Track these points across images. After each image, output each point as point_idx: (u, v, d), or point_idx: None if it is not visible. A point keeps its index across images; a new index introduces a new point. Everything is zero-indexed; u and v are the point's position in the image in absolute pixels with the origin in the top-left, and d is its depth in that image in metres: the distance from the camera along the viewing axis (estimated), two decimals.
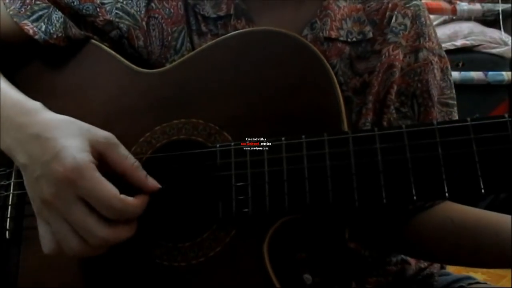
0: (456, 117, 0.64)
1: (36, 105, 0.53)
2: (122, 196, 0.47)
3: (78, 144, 0.47)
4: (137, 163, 0.50)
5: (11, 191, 0.58)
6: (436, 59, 0.63)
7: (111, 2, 0.62)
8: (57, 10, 0.61)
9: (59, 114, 0.52)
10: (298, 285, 0.54)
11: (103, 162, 0.49)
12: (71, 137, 0.48)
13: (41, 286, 0.55)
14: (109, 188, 0.46)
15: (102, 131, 0.50)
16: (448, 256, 0.62)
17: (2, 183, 0.59)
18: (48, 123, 0.50)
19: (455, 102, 0.65)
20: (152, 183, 0.50)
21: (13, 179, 0.58)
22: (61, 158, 0.46)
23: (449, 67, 0.65)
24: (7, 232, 0.57)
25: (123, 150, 0.50)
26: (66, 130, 0.49)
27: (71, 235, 0.47)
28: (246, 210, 0.48)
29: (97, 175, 0.46)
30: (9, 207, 0.58)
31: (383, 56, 0.61)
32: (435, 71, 0.62)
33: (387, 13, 0.63)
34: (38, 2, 0.61)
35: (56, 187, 0.46)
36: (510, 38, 2.01)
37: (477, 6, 2.05)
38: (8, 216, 0.58)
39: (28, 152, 0.49)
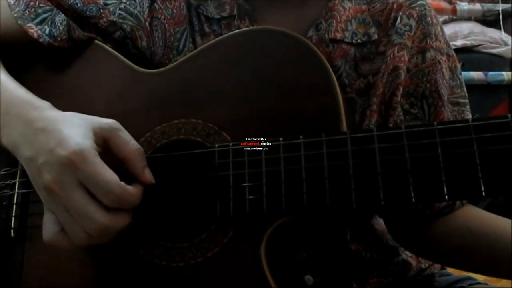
0: (469, 116, 0.62)
1: (45, 103, 0.52)
2: (122, 183, 0.45)
3: (81, 131, 0.46)
4: (140, 149, 0.48)
5: (16, 190, 0.57)
6: (444, 58, 0.61)
7: (115, 2, 0.61)
8: (60, 13, 0.60)
9: (65, 112, 0.51)
10: (299, 286, 0.52)
11: (107, 148, 0.48)
12: (75, 127, 0.47)
13: (45, 284, 0.54)
14: (110, 174, 0.45)
15: (105, 119, 0.49)
16: (464, 263, 0.60)
17: (7, 182, 0.58)
18: (54, 118, 0.49)
19: (467, 101, 0.62)
20: (148, 175, 0.48)
21: (18, 178, 0.57)
22: (65, 143, 0.45)
23: (458, 65, 0.63)
24: (11, 231, 0.56)
25: (126, 135, 0.48)
26: (70, 122, 0.48)
27: (75, 223, 0.45)
28: (244, 210, 0.46)
29: (99, 160, 0.45)
30: (14, 206, 0.57)
31: (388, 58, 0.59)
32: (444, 70, 0.60)
33: (392, 14, 0.60)
34: (41, 5, 0.60)
35: (58, 171, 0.45)
36: (510, 38, 1.98)
37: (477, 6, 2.01)
38: (13, 214, 0.57)
39: (33, 144, 0.48)
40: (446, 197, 0.39)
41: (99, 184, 0.44)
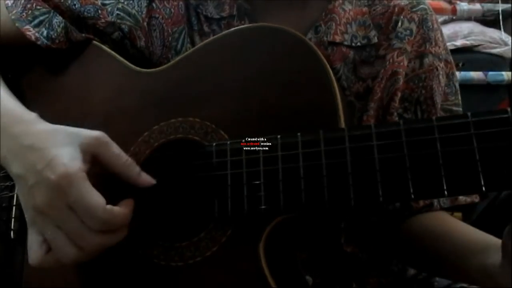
0: None
1: (31, 116, 0.51)
2: (108, 206, 0.44)
3: (69, 151, 0.45)
4: (129, 160, 0.48)
5: (15, 191, 0.56)
6: (442, 64, 0.60)
7: (112, 2, 0.60)
8: (58, 15, 0.60)
9: (52, 124, 0.50)
10: (299, 286, 0.51)
11: (97, 163, 0.47)
12: (62, 146, 0.46)
13: (45, 285, 0.54)
14: (96, 198, 0.44)
15: (93, 132, 0.48)
16: (429, 266, 0.59)
17: (7, 184, 0.58)
18: (41, 133, 0.48)
19: (460, 109, 0.62)
20: (145, 179, 0.48)
21: None
22: (53, 166, 0.44)
23: (455, 72, 0.62)
24: (11, 232, 0.56)
25: (114, 148, 0.47)
26: (57, 140, 0.47)
27: (67, 243, 0.45)
28: (242, 209, 0.45)
29: (86, 184, 0.44)
30: (14, 208, 0.56)
31: (387, 62, 0.58)
32: (440, 77, 0.60)
33: (393, 17, 0.60)
34: (38, 7, 0.60)
35: (49, 195, 0.44)
36: (510, 38, 1.96)
37: (477, 6, 2.00)
38: (13, 216, 0.56)
39: (23, 162, 0.47)
40: (446, 192, 0.39)
41: (85, 209, 0.44)
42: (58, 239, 0.45)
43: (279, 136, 0.45)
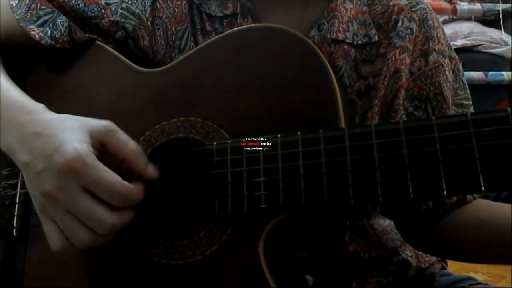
0: None
1: (38, 105, 0.51)
2: (125, 182, 0.45)
3: (78, 136, 0.45)
4: (138, 148, 0.48)
5: (18, 189, 0.56)
6: (446, 61, 0.60)
7: (116, 2, 0.60)
8: (61, 15, 0.60)
9: (60, 114, 0.50)
10: (300, 285, 0.51)
11: (104, 151, 0.47)
12: (70, 131, 0.46)
13: (47, 282, 0.54)
14: (112, 175, 0.44)
15: (101, 120, 0.48)
16: (478, 255, 0.58)
17: (10, 182, 0.57)
18: (48, 121, 0.48)
19: (470, 102, 0.62)
20: (151, 171, 0.48)
21: (20, 178, 0.56)
22: (63, 150, 0.44)
23: (461, 67, 0.62)
24: (14, 230, 0.56)
25: (123, 136, 0.47)
26: (65, 126, 0.47)
27: (79, 226, 0.45)
28: (242, 208, 0.45)
29: (99, 163, 0.44)
30: (16, 205, 0.56)
31: (390, 60, 0.58)
32: (447, 73, 0.60)
33: (393, 17, 0.60)
34: (43, 7, 0.60)
35: (59, 179, 0.44)
36: (510, 38, 1.96)
37: (477, 6, 1.99)
38: (15, 214, 0.56)
39: (30, 149, 0.47)
40: (445, 192, 0.38)
41: (104, 186, 0.44)
42: (70, 224, 0.45)
43: (279, 135, 0.45)
